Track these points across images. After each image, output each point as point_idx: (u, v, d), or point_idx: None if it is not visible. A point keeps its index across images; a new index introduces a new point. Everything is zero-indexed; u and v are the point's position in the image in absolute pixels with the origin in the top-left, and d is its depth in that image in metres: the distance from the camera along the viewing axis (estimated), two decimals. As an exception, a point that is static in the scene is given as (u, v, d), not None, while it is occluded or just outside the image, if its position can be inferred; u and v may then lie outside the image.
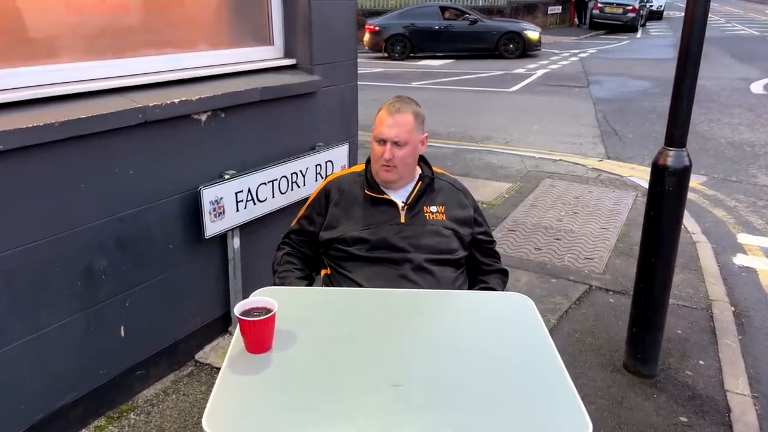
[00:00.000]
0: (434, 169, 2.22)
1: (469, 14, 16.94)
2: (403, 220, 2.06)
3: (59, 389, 2.37)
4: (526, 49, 16.53)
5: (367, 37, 16.57)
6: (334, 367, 1.51)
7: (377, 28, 16.50)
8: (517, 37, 16.49)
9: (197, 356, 2.98)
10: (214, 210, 2.78)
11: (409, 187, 2.12)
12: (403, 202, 2.09)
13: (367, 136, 2.55)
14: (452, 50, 16.55)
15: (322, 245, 2.14)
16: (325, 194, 2.17)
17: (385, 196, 2.09)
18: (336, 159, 3.50)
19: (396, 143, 2.02)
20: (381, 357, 1.56)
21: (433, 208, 2.11)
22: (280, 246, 2.25)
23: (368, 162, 2.18)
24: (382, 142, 2.03)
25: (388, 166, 2.03)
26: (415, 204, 2.10)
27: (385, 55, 16.50)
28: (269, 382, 1.47)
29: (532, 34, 16.66)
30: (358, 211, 2.09)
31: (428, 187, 2.14)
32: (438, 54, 16.58)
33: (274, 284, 2.10)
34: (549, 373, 1.51)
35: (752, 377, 2.98)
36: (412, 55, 16.40)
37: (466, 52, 16.53)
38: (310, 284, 2.16)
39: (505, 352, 1.59)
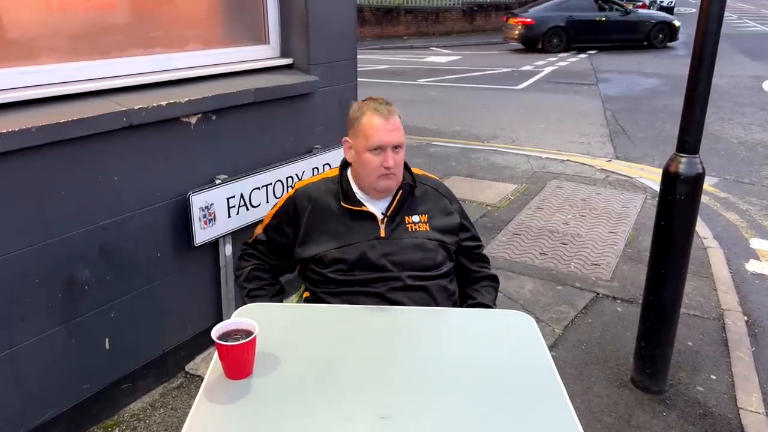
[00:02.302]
0: (414, 170, 2.03)
1: (621, 5, 16.92)
2: (383, 234, 1.89)
3: (39, 405, 2.27)
4: (671, 38, 16.60)
5: (518, 30, 16.45)
6: (317, 396, 1.39)
7: (534, 21, 16.30)
8: (666, 26, 16.54)
9: (187, 367, 2.88)
10: (204, 217, 2.67)
11: (388, 197, 1.95)
12: (382, 213, 1.92)
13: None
14: (606, 42, 16.54)
15: (299, 263, 1.98)
16: (293, 204, 1.96)
17: (363, 208, 1.91)
18: (334, 162, 3.38)
19: (396, 147, 1.86)
20: (368, 384, 1.44)
21: (416, 218, 1.94)
22: (244, 257, 2.05)
23: (342, 168, 2.00)
24: (380, 150, 1.85)
25: (391, 174, 1.87)
26: (395, 215, 1.92)
27: (539, 48, 16.38)
28: (248, 411, 1.37)
29: (677, 22, 16.83)
30: (334, 225, 1.91)
31: (409, 195, 1.96)
32: (594, 45, 16.56)
33: (243, 301, 1.94)
34: (550, 402, 1.39)
35: (766, 393, 2.85)
36: (566, 47, 16.36)
37: (619, 43, 16.53)
38: (282, 297, 2.03)
39: (503, 380, 1.47)
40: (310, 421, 1.31)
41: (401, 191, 1.94)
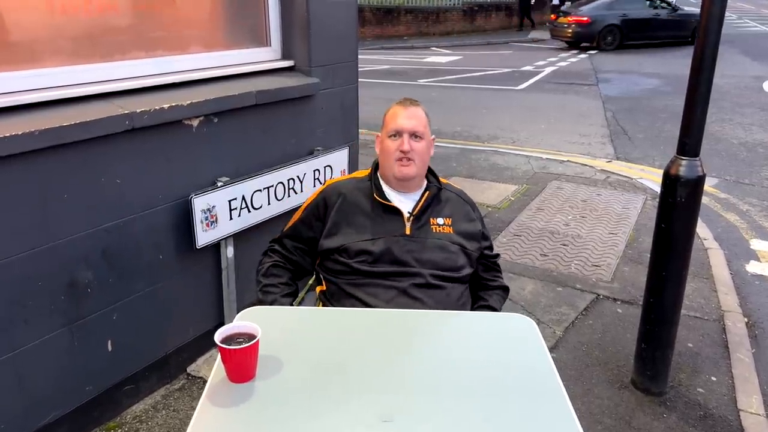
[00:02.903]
0: (440, 179, 2.13)
1: (669, 2, 17.18)
2: (408, 231, 1.95)
3: (41, 408, 2.28)
4: None
5: (572, 28, 16.69)
6: (320, 399, 1.40)
7: (590, 19, 16.50)
8: None
9: (189, 369, 2.89)
10: (206, 219, 2.68)
11: (415, 197, 2.02)
12: (408, 212, 1.99)
13: (371, 134, 2.44)
14: (655, 39, 16.84)
15: (320, 255, 2.03)
16: (323, 198, 2.05)
17: (391, 204, 1.98)
18: (335, 164, 3.39)
19: (414, 135, 1.95)
20: (371, 387, 1.45)
21: (440, 220, 2.01)
22: (268, 252, 2.12)
23: (375, 167, 2.08)
24: (398, 135, 1.95)
25: (407, 159, 1.94)
26: (421, 215, 1.99)
27: (594, 45, 16.65)
28: (251, 414, 1.37)
29: None
30: (361, 219, 1.98)
31: (435, 197, 2.04)
32: (646, 43, 16.85)
33: (257, 295, 2.01)
34: (551, 404, 1.40)
35: (766, 394, 2.85)
36: (619, 45, 16.58)
37: (667, 40, 16.83)
38: (294, 299, 2.06)
39: (505, 382, 1.48)
40: (313, 424, 1.32)
41: (428, 192, 2.02)
